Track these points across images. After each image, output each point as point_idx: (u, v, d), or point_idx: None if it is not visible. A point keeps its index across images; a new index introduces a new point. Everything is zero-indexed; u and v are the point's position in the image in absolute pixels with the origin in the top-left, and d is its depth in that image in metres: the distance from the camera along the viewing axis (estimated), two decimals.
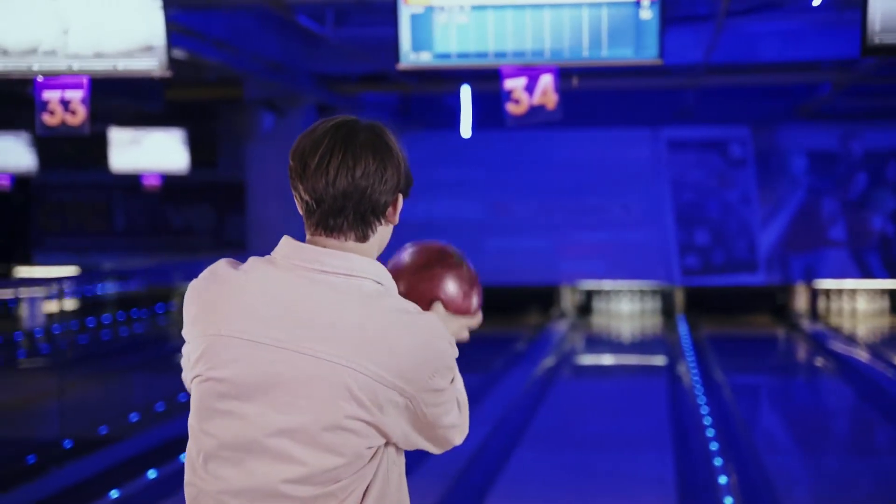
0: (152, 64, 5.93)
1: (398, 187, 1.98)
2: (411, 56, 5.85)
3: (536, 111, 5.78)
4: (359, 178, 1.91)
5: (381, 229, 1.98)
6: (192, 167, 15.26)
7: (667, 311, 15.43)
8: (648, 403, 9.72)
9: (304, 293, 1.90)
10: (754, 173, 15.03)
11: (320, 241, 1.95)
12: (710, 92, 13.66)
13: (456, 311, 2.14)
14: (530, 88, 5.78)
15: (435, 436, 1.99)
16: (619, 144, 15.17)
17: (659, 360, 12.34)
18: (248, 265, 1.97)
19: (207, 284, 1.97)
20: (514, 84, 5.75)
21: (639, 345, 14.06)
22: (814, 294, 15.33)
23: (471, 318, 2.18)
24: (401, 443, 1.95)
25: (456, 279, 2.15)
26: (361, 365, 1.86)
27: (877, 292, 15.29)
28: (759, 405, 10.30)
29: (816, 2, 8.00)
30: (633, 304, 15.66)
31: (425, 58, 5.84)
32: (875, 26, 5.33)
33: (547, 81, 5.76)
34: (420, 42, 5.81)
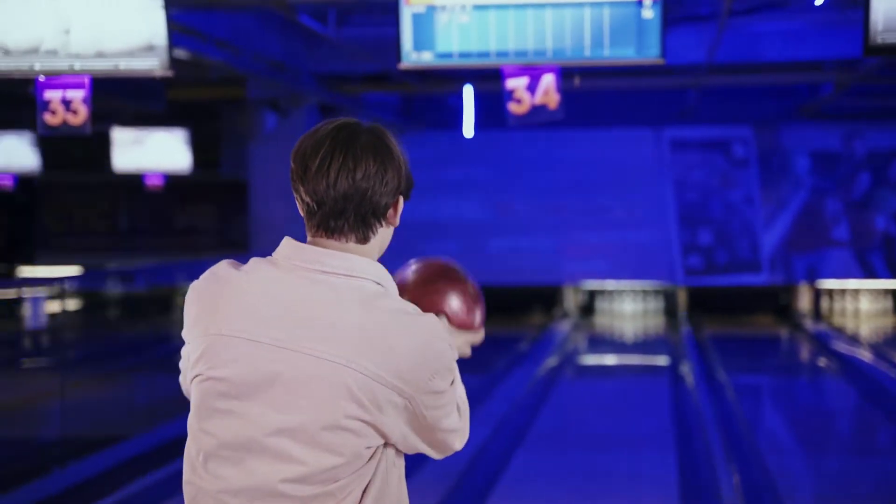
0: (154, 63, 5.93)
1: (399, 189, 1.98)
2: (413, 55, 5.85)
3: (538, 111, 5.77)
4: (359, 180, 1.92)
5: (381, 231, 1.99)
6: (194, 167, 15.27)
7: (670, 311, 15.41)
8: (651, 403, 9.72)
9: (304, 293, 1.90)
10: (757, 173, 15.01)
11: (321, 242, 1.96)
12: (712, 92, 13.64)
13: (459, 326, 2.18)
14: (532, 88, 5.78)
15: (434, 439, 1.99)
16: (622, 144, 15.15)
17: (662, 360, 12.33)
18: (249, 266, 1.97)
19: (208, 285, 1.98)
20: (516, 84, 5.75)
21: (642, 345, 14.05)
22: (817, 294, 15.30)
23: (474, 333, 2.22)
24: (400, 444, 1.95)
25: (460, 294, 2.19)
26: (361, 365, 1.86)
27: (880, 292, 15.26)
28: (761, 405, 10.28)
29: (819, 1, 7.98)
30: (636, 304, 15.64)
31: (427, 57, 5.83)
32: (878, 26, 5.32)
33: (549, 81, 5.76)
34: (421, 41, 5.80)
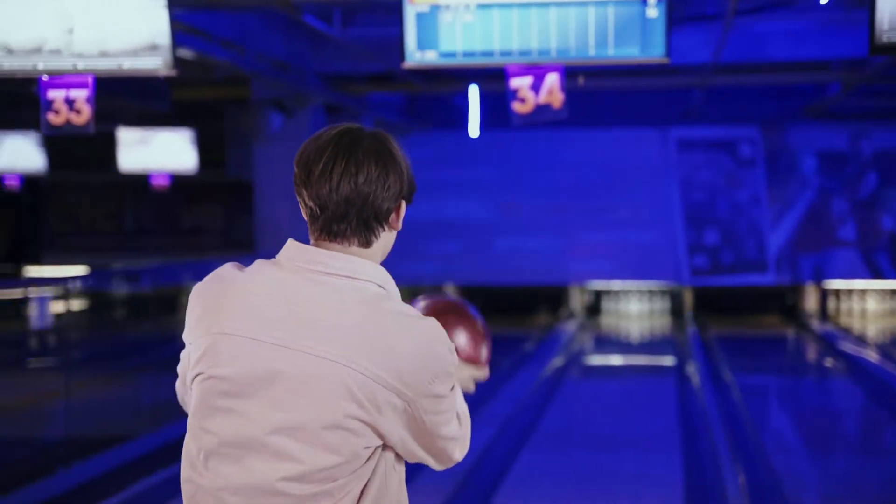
0: (157, 63, 5.93)
1: (401, 194, 2.00)
2: (417, 55, 5.84)
3: (542, 110, 5.76)
4: (361, 184, 1.93)
5: (384, 235, 2.00)
6: (200, 167, 15.28)
7: (676, 311, 15.40)
8: (657, 404, 9.71)
9: (307, 294, 1.92)
10: (764, 173, 14.98)
11: (324, 246, 1.97)
12: (718, 91, 13.61)
13: (466, 359, 2.22)
14: (536, 87, 5.76)
15: (434, 446, 1.99)
16: (628, 144, 15.13)
17: (668, 360, 12.31)
18: (253, 267, 1.99)
19: (212, 286, 1.99)
20: (520, 83, 5.74)
21: (647, 345, 14.03)
22: (823, 294, 15.28)
23: (479, 368, 2.25)
24: (399, 448, 1.95)
25: (468, 328, 2.23)
26: (361, 365, 1.87)
27: (887, 293, 15.23)
28: (768, 406, 10.27)
29: (824, 0, 7.96)
30: (642, 304, 15.63)
31: (431, 56, 5.83)
32: (883, 25, 5.31)
33: (553, 80, 5.74)
34: (425, 41, 5.79)
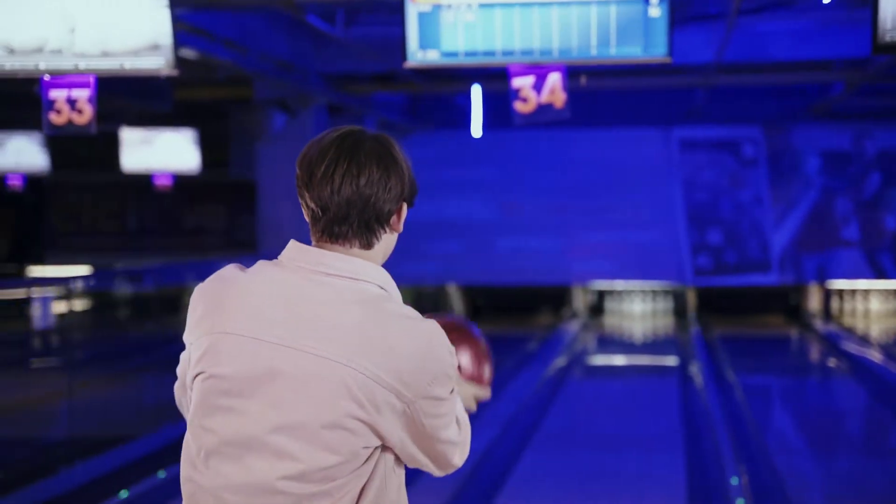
0: (159, 63, 5.93)
1: (402, 196, 2.01)
2: (418, 54, 5.83)
3: (544, 110, 5.75)
4: (363, 186, 1.94)
5: (385, 237, 2.01)
6: (203, 167, 15.28)
7: (679, 311, 15.39)
8: (660, 404, 9.70)
9: (308, 294, 1.92)
10: (767, 173, 14.96)
11: (326, 247, 1.98)
12: (721, 91, 13.59)
13: (469, 378, 2.25)
14: (538, 87, 5.76)
15: (433, 450, 2.00)
16: (631, 144, 15.11)
17: (671, 360, 12.31)
18: (254, 268, 2.00)
19: (214, 286, 2.00)
20: (522, 82, 5.73)
21: (651, 345, 14.02)
22: (827, 294, 15.26)
23: (481, 387, 2.27)
24: (398, 450, 1.96)
25: (472, 347, 2.27)
26: (361, 365, 1.87)
27: (890, 292, 15.22)
28: (771, 406, 10.26)
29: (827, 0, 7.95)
30: (645, 304, 15.62)
31: (432, 56, 5.82)
32: (886, 24, 5.30)
33: (555, 80, 5.74)
34: (427, 40, 5.79)
